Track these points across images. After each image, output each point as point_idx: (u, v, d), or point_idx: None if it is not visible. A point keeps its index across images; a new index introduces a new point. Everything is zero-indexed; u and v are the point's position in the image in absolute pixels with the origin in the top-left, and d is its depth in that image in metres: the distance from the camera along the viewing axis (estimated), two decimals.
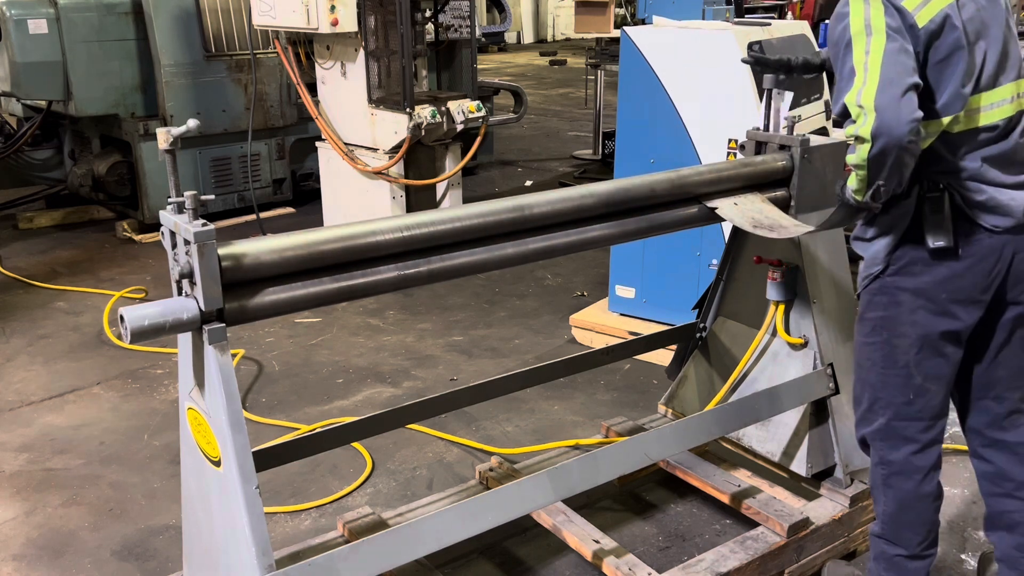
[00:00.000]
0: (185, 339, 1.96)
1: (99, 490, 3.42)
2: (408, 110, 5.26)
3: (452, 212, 2.19)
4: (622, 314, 4.63)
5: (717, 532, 3.07)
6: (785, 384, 2.82)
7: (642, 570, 2.59)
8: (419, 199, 5.80)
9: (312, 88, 5.94)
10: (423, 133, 5.39)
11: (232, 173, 6.84)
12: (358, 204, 5.77)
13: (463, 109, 5.52)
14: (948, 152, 2.18)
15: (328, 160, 5.98)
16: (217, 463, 1.93)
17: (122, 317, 1.79)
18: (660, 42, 4.18)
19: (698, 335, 3.26)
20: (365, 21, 5.38)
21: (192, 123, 1.87)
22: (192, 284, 1.83)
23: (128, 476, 3.52)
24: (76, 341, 4.80)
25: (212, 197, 1.93)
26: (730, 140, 3.96)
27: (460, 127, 5.58)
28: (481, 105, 5.62)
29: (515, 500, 2.32)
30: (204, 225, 1.79)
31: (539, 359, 4.36)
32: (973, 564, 2.90)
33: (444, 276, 2.19)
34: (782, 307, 2.89)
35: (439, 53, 7.35)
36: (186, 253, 1.82)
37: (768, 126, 2.81)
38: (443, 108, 5.43)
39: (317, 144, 6.06)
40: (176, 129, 1.81)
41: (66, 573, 2.96)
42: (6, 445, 3.75)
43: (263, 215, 6.67)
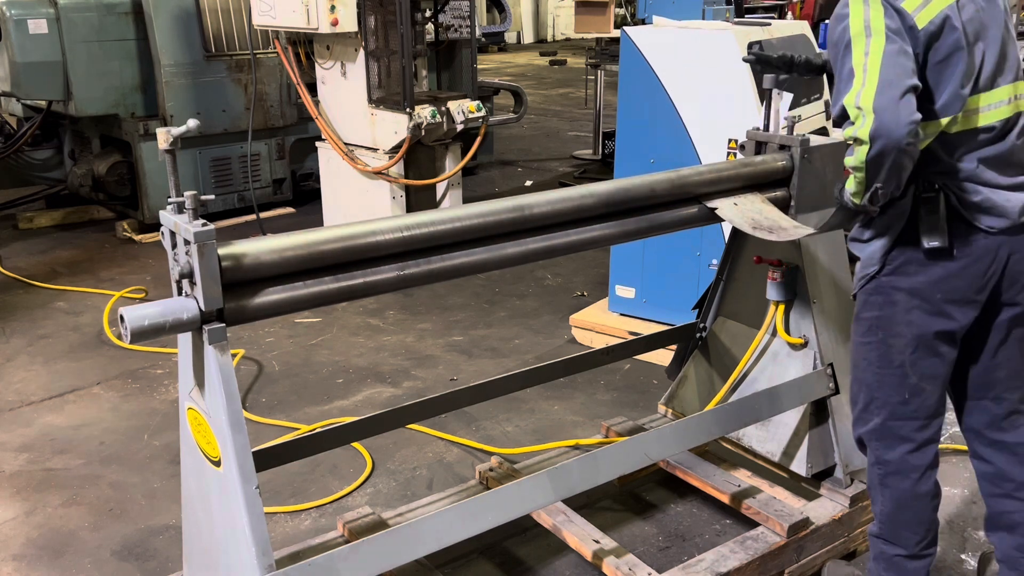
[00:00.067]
0: (185, 339, 1.96)
1: (99, 490, 3.42)
2: (408, 110, 5.26)
3: (452, 212, 2.19)
4: (622, 314, 4.63)
5: (717, 532, 3.07)
6: (785, 384, 2.82)
7: (642, 570, 2.59)
8: (419, 199, 5.80)
9: (312, 88, 5.94)
10: (423, 133, 5.39)
11: (232, 173, 6.84)
12: (358, 204, 5.77)
13: (463, 109, 5.52)
14: (945, 153, 2.18)
15: (328, 160, 5.98)
16: (217, 463, 1.93)
17: (122, 317, 1.79)
18: (660, 42, 4.18)
19: (698, 335, 3.26)
20: (365, 21, 5.38)
21: (192, 123, 1.87)
22: (192, 284, 1.83)
23: (128, 476, 3.52)
24: (76, 341, 4.80)
25: (212, 197, 1.93)
26: (730, 140, 3.96)
27: (460, 127, 5.58)
28: (481, 105, 5.62)
29: (515, 500, 2.32)
30: (204, 225, 1.80)
31: (539, 359, 4.36)
32: (973, 564, 2.90)
33: (444, 276, 2.19)
34: (782, 307, 2.90)
35: (439, 53, 7.35)
36: (186, 253, 1.82)
37: (768, 126, 2.81)
38: (443, 108, 5.43)
39: (317, 144, 6.06)
40: (176, 129, 1.81)
41: (66, 573, 2.96)
42: (6, 445, 3.75)
43: (263, 215, 6.68)
